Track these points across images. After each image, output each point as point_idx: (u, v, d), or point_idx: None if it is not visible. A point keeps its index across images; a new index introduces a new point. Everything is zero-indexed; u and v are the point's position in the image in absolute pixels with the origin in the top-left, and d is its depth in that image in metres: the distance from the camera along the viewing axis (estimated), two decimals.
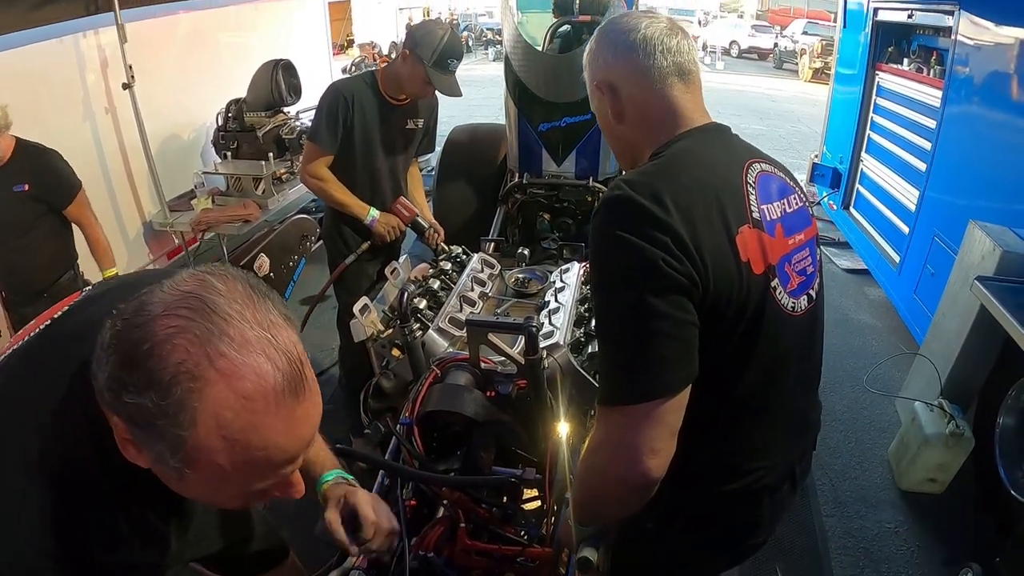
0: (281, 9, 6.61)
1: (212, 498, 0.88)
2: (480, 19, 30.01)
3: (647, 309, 1.05)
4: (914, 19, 4.76)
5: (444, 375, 1.81)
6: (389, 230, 2.97)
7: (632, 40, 1.23)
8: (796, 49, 22.53)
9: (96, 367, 0.76)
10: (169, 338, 0.70)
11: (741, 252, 1.12)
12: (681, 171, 1.16)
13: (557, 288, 2.31)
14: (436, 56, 2.70)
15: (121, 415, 0.74)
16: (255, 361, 0.72)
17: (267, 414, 0.73)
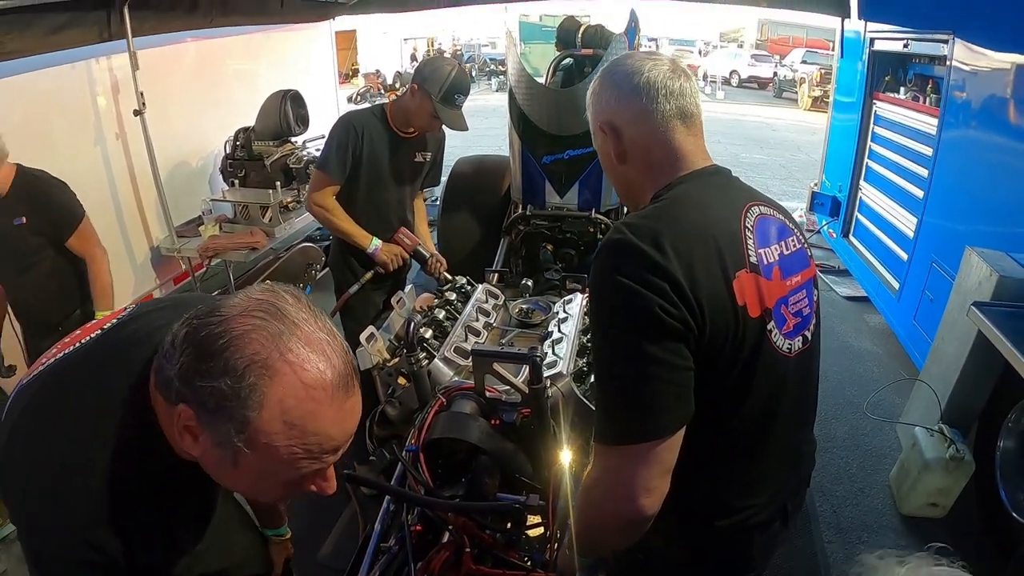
0: (289, 38, 6.70)
1: (255, 487, 0.97)
2: (483, 50, 30.37)
3: (643, 354, 1.09)
4: (910, 48, 4.87)
5: (449, 403, 1.85)
6: (392, 259, 3.04)
7: (636, 83, 1.26)
8: (795, 78, 22.73)
9: (164, 362, 0.88)
10: (246, 333, 0.83)
11: (738, 296, 1.15)
12: (682, 216, 1.19)
13: (560, 318, 2.36)
14: (443, 92, 2.77)
15: (191, 401, 0.85)
16: (318, 358, 0.85)
17: (323, 404, 0.85)
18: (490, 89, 23.89)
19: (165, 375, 0.88)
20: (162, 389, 0.90)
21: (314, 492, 0.97)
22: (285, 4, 5.64)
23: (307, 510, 2.91)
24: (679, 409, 1.12)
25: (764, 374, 1.21)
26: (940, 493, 2.93)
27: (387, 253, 3.03)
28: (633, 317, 1.10)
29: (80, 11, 3.67)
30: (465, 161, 4.78)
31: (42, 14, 3.41)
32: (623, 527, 1.16)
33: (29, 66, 3.60)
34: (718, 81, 25.58)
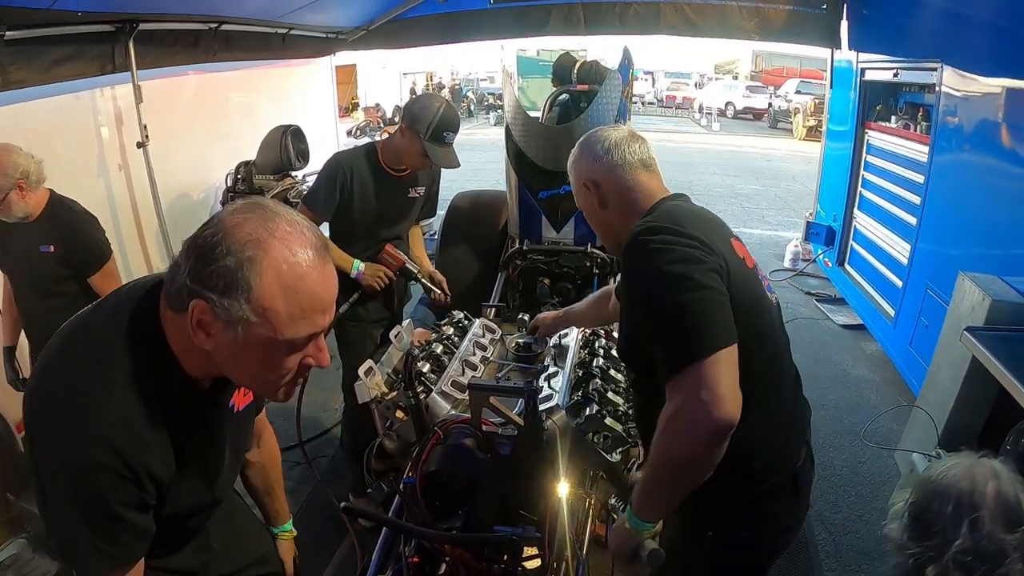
0: (290, 73, 6.82)
1: (263, 365, 1.10)
2: (482, 84, 30.67)
3: (696, 283, 1.36)
4: (899, 77, 4.99)
5: (446, 437, 1.88)
6: (376, 280, 3.01)
7: (606, 147, 1.68)
8: (790, 108, 22.90)
9: (172, 276, 1.06)
10: (238, 225, 1.01)
11: (738, 252, 1.52)
12: (676, 211, 1.56)
13: (556, 353, 2.40)
14: (432, 130, 2.79)
15: (201, 294, 1.01)
16: (298, 234, 1.04)
17: (308, 268, 1.03)
18: (488, 123, 24.17)
19: (175, 286, 1.04)
20: (173, 302, 1.07)
21: (311, 364, 1.13)
22: (287, 39, 5.78)
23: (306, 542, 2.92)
24: (730, 323, 1.36)
25: (766, 317, 1.54)
26: None
27: (370, 274, 3.00)
28: (678, 260, 1.38)
29: (85, 43, 3.75)
30: (463, 196, 4.84)
31: (47, 45, 3.48)
32: (710, 442, 1.31)
33: (34, 94, 3.65)
34: (713, 113, 25.78)
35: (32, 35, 3.35)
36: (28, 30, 3.30)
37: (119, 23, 3.90)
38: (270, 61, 6.08)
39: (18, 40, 3.27)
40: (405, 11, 6.37)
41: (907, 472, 3.08)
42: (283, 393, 1.17)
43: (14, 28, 3.19)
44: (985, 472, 1.18)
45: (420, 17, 6.42)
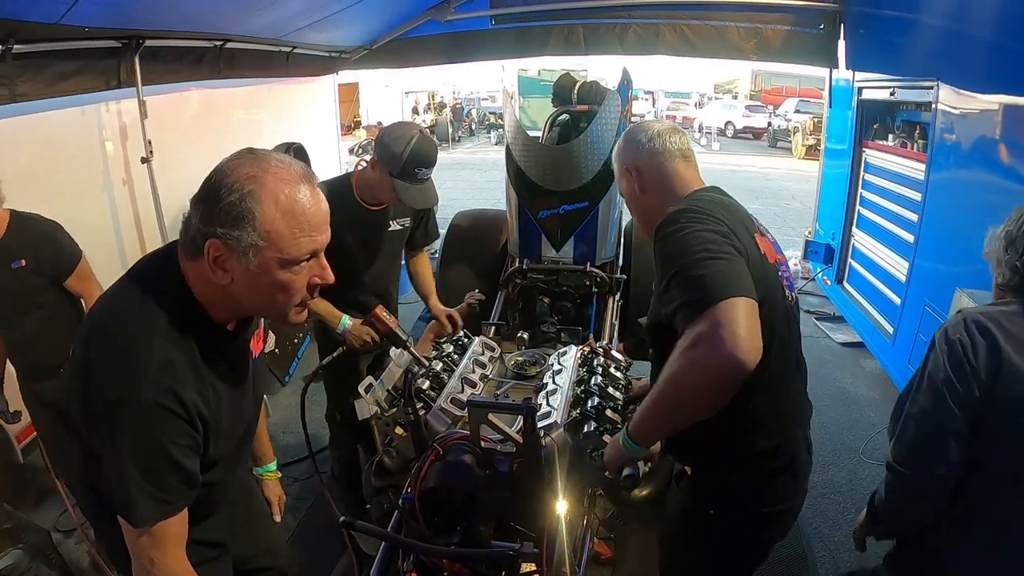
0: (293, 90, 6.89)
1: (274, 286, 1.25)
2: (483, 103, 30.76)
3: (717, 246, 1.46)
4: (896, 96, 5.03)
5: (446, 453, 1.89)
6: (361, 343, 2.79)
7: (648, 136, 1.82)
8: (789, 127, 22.96)
9: (185, 228, 1.25)
10: (235, 168, 1.19)
11: (760, 247, 1.60)
12: (707, 199, 1.67)
13: (555, 370, 2.41)
14: (402, 166, 2.55)
15: (213, 231, 1.18)
16: (288, 168, 1.23)
17: (300, 191, 1.22)
18: (489, 143, 24.32)
19: (189, 235, 1.23)
20: (189, 251, 1.25)
21: (318, 283, 1.32)
22: (290, 58, 5.84)
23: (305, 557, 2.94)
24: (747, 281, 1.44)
25: (779, 310, 1.62)
26: None
27: (355, 337, 2.79)
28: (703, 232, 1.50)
29: (91, 59, 3.80)
30: (463, 215, 4.88)
31: (54, 59, 3.53)
32: (721, 379, 1.36)
33: (40, 108, 3.69)
34: (713, 132, 25.87)
35: (39, 49, 3.39)
36: (35, 44, 3.34)
37: (125, 39, 3.95)
38: (274, 79, 6.15)
39: (25, 54, 3.31)
40: (408, 31, 6.44)
41: None
42: (296, 313, 1.33)
43: (22, 42, 3.22)
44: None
45: (422, 37, 6.49)
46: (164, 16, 3.99)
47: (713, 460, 1.72)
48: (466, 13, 6.18)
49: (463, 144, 24.56)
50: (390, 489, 2.33)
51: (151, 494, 1.25)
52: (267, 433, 2.26)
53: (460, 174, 15.33)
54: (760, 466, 1.70)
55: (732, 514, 1.73)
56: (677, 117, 30.38)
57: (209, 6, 4.14)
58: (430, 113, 25.97)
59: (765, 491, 1.72)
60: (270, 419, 4.43)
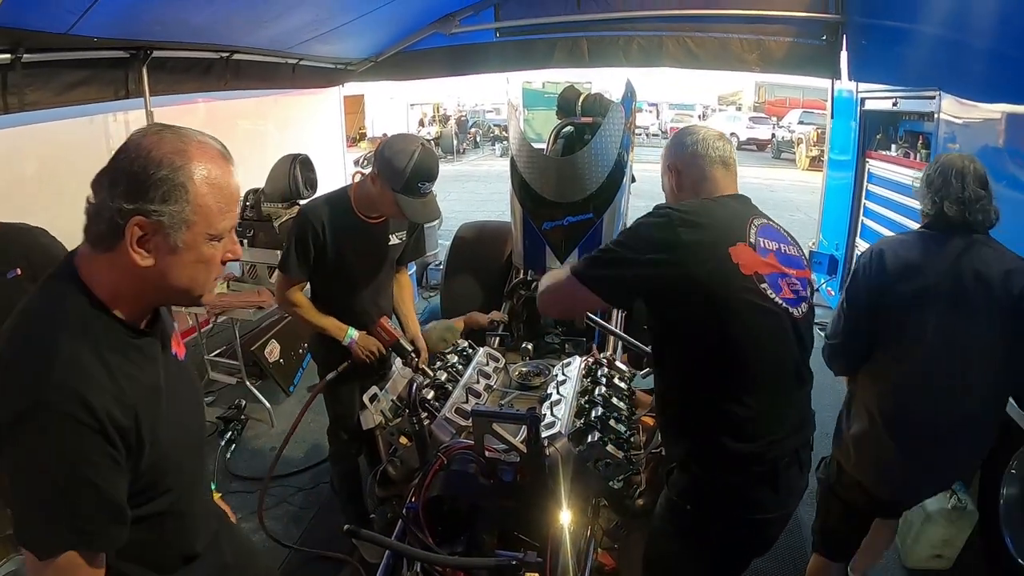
0: (298, 102, 6.94)
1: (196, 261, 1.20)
2: (488, 115, 30.63)
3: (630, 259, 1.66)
4: (899, 106, 5.04)
5: (450, 462, 1.90)
6: (367, 355, 2.78)
7: (694, 139, 1.91)
8: (793, 138, 22.91)
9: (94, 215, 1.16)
10: (157, 143, 1.13)
11: (733, 257, 1.64)
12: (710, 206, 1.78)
13: (559, 381, 2.43)
14: (405, 181, 2.48)
15: (141, 208, 1.11)
16: (209, 143, 1.20)
17: (223, 167, 1.20)
18: (494, 155, 24.33)
19: (103, 221, 1.14)
20: (102, 241, 1.15)
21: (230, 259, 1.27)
22: (296, 70, 5.89)
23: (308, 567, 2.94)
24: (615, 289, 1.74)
25: (759, 319, 1.66)
26: (944, 544, 2.92)
27: (362, 348, 2.77)
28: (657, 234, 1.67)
29: (100, 69, 3.85)
30: (469, 227, 4.91)
31: (63, 69, 3.58)
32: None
33: (48, 116, 3.72)
34: None
35: (49, 59, 3.44)
36: (45, 53, 3.39)
37: (134, 50, 4.00)
38: (280, 90, 6.20)
39: (35, 63, 3.36)
40: (413, 43, 6.48)
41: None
42: (209, 294, 1.29)
43: (31, 51, 3.28)
44: (966, 157, 2.26)
45: (427, 50, 6.53)
46: (172, 27, 4.04)
47: (692, 458, 1.78)
48: (471, 26, 6.23)
49: (468, 156, 24.60)
50: (394, 499, 2.34)
51: (59, 518, 1.09)
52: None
53: (465, 186, 15.35)
54: (736, 471, 1.72)
55: (707, 513, 1.77)
56: None
57: (216, 18, 4.18)
58: (435, 125, 26.06)
59: (739, 496, 1.74)
60: (274, 428, 4.44)
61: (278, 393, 4.78)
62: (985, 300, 2.06)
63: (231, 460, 4.06)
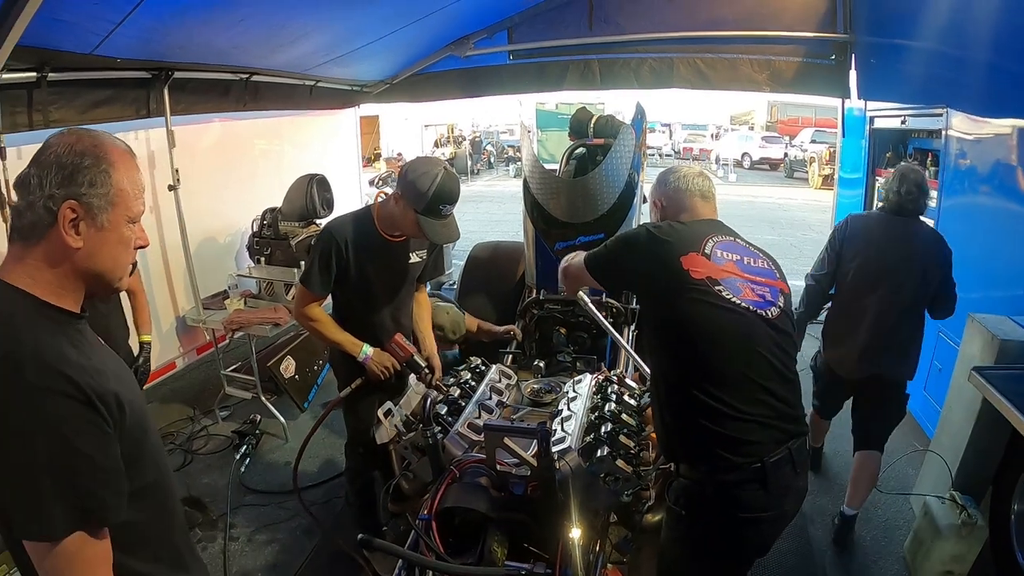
0: (315, 122, 7.05)
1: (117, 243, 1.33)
2: (502, 136, 30.75)
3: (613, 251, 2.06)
4: (908, 124, 5.10)
5: (462, 476, 1.95)
6: (382, 370, 2.83)
7: (675, 178, 2.21)
8: (805, 158, 22.82)
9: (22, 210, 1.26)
10: (78, 140, 1.28)
11: (684, 263, 1.89)
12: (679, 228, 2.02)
13: (570, 397, 2.47)
14: (427, 203, 2.56)
15: (72, 193, 1.24)
16: (117, 140, 1.35)
17: (131, 161, 1.35)
18: (508, 175, 24.51)
19: (34, 212, 1.24)
20: (33, 232, 1.25)
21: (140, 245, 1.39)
22: (314, 91, 6.02)
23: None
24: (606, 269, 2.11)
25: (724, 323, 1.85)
26: (955, 560, 2.92)
27: (377, 364, 2.82)
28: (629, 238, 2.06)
29: (122, 88, 3.98)
30: (482, 246, 4.97)
31: (87, 88, 3.71)
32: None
33: None
34: (730, 164, 25.77)
35: (73, 78, 3.57)
36: (69, 72, 3.51)
37: (155, 71, 4.14)
38: (297, 111, 6.32)
39: (60, 82, 3.49)
40: (428, 66, 6.60)
41: (922, 515, 3.09)
42: (126, 279, 1.41)
43: (56, 70, 3.40)
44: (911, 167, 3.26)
45: (442, 72, 6.64)
46: (193, 49, 4.16)
47: (682, 461, 1.95)
48: (485, 49, 6.33)
49: (482, 177, 24.77)
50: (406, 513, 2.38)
51: (59, 496, 1.13)
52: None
53: (479, 207, 15.44)
54: (724, 470, 1.82)
55: (700, 515, 1.88)
56: (694, 149, 30.19)
57: (236, 41, 4.29)
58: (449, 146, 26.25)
59: (729, 497, 1.83)
60: (288, 444, 4.51)
61: (293, 409, 4.84)
62: (906, 250, 3.20)
63: (245, 474, 4.12)
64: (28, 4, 2.57)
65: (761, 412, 1.83)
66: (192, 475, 4.12)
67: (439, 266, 3.27)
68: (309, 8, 4.10)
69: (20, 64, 3.16)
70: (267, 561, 3.37)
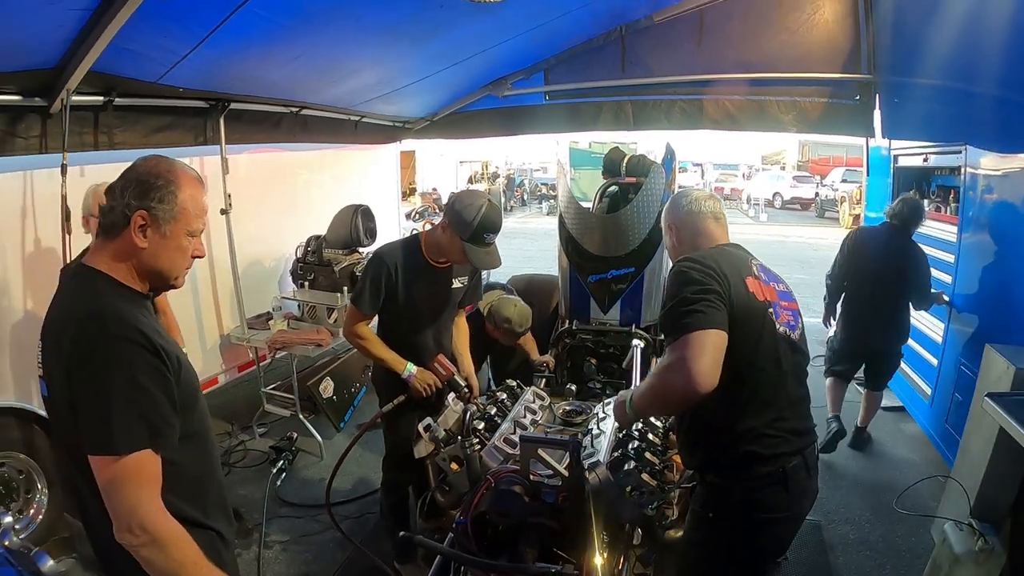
0: (358, 156, 7.32)
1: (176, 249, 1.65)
2: (535, 174, 31.03)
3: (700, 292, 1.90)
4: (929, 162, 5.23)
5: (497, 484, 2.09)
6: (424, 387, 3.01)
7: (688, 201, 2.29)
8: (836, 197, 22.72)
9: (107, 212, 1.60)
10: (156, 165, 1.62)
11: (749, 286, 1.99)
12: (717, 253, 2.09)
13: (599, 418, 2.61)
14: (472, 231, 2.79)
15: (144, 205, 1.57)
16: (189, 168, 1.68)
17: (198, 186, 1.67)
18: (541, 213, 24.76)
19: (114, 215, 1.58)
20: (114, 230, 1.59)
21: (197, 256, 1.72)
22: (359, 126, 6.31)
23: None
24: (718, 319, 1.86)
25: (769, 339, 1.99)
26: None
27: (420, 381, 3.01)
28: (693, 277, 1.94)
29: (182, 116, 4.26)
30: (518, 279, 5.16)
31: (149, 114, 3.98)
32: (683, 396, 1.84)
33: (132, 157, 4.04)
34: (761, 204, 25.67)
35: (137, 103, 3.84)
36: (134, 99, 3.78)
37: (213, 101, 4.43)
38: (341, 144, 6.58)
39: (125, 107, 3.76)
40: (467, 104, 6.81)
41: (940, 541, 3.11)
42: (182, 279, 1.74)
43: (123, 96, 3.67)
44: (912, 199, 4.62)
45: (481, 111, 6.85)
46: (249, 83, 4.44)
47: (708, 468, 2.10)
48: (522, 89, 6.52)
49: (515, 214, 24.97)
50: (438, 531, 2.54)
51: (128, 415, 1.44)
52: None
53: (512, 242, 15.57)
54: (748, 474, 2.00)
55: (727, 517, 2.03)
56: (725, 189, 30.14)
57: (290, 77, 4.56)
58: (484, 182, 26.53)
59: (755, 499, 2.00)
60: (323, 461, 4.69)
61: (329, 428, 5.02)
62: (891, 255, 4.41)
63: (281, 487, 4.27)
64: (104, 32, 2.81)
65: (788, 428, 2.03)
66: (228, 486, 4.23)
67: (478, 292, 3.46)
68: (361, 47, 4.35)
69: (90, 88, 3.43)
70: (299, 570, 3.53)
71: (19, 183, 3.74)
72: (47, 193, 3.61)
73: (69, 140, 3.37)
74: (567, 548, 1.97)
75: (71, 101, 3.27)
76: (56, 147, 3.39)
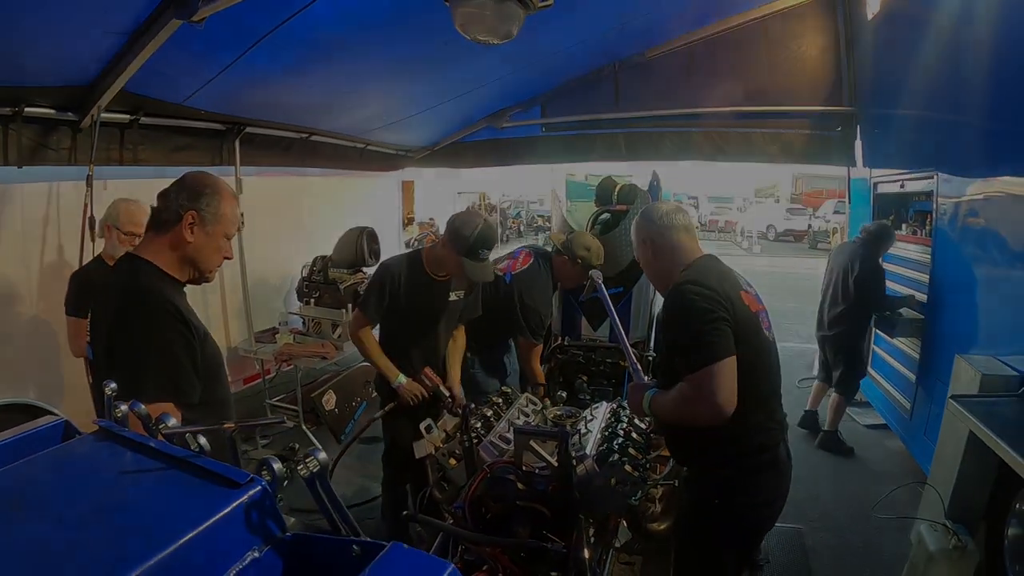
0: (361, 182, 7.59)
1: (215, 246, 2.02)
2: (531, 205, 31.19)
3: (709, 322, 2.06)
4: (905, 188, 5.45)
5: (493, 473, 2.29)
6: (411, 397, 3.28)
7: (659, 215, 2.39)
8: (828, 228, 22.90)
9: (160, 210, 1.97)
10: (203, 177, 2.02)
11: (744, 300, 2.18)
12: (706, 271, 2.23)
13: (587, 419, 2.82)
14: (469, 247, 3.07)
15: (194, 206, 1.94)
16: (225, 183, 2.06)
17: (234, 199, 2.06)
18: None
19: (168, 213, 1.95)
20: (164, 226, 1.95)
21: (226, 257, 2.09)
22: (364, 153, 6.58)
23: None
24: (729, 346, 2.04)
25: (763, 345, 2.21)
26: None
27: (408, 391, 3.28)
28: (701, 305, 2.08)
29: (201, 137, 4.50)
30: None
31: (172, 134, 4.21)
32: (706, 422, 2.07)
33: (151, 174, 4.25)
34: (754, 236, 25.86)
35: (161, 123, 4.07)
36: (159, 118, 4.01)
37: (230, 124, 4.67)
38: (347, 170, 6.83)
39: (149, 126, 3.99)
40: (467, 135, 7.08)
41: (916, 543, 3.21)
42: (214, 273, 2.08)
43: (149, 115, 3.90)
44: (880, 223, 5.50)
45: (480, 141, 7.11)
46: (264, 108, 4.70)
47: (712, 461, 2.27)
48: (520, 121, 6.79)
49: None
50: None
51: (155, 375, 1.80)
52: None
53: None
54: (748, 463, 2.22)
55: (732, 502, 2.23)
56: (719, 221, 30.37)
57: (302, 104, 4.83)
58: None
59: (754, 483, 2.23)
60: None
61: (330, 442, 5.17)
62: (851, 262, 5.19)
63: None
64: (139, 55, 3.03)
65: (778, 418, 2.32)
66: None
67: (476, 307, 3.63)
68: (370, 80, 4.62)
69: (119, 107, 3.66)
70: None
71: (44, 193, 4.00)
72: (70, 204, 3.84)
73: (96, 155, 3.58)
74: (556, 532, 2.13)
75: (101, 118, 3.50)
76: (84, 160, 3.61)
